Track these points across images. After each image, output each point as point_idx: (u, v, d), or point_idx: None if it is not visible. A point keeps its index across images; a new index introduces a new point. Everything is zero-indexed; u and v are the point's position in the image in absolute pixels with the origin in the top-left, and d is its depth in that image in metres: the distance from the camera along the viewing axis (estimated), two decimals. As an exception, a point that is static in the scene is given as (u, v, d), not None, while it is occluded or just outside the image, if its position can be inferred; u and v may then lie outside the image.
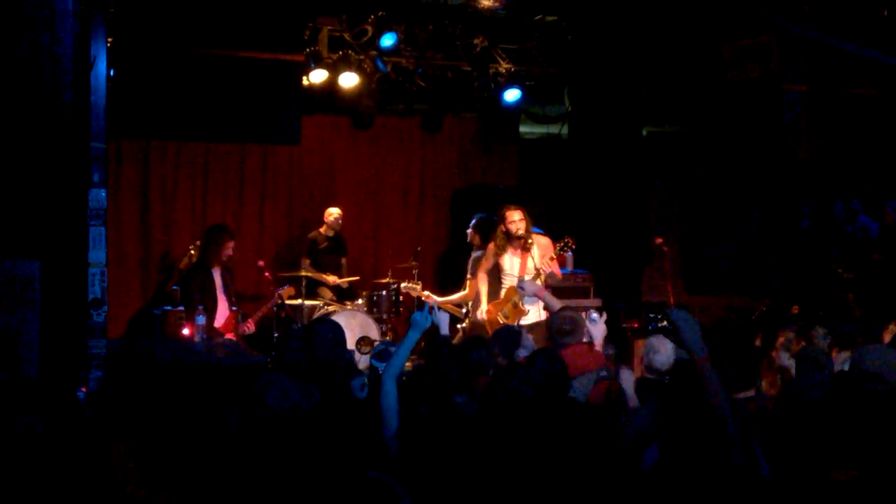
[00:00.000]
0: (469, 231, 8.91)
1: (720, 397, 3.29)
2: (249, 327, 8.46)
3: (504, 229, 7.71)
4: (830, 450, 3.21)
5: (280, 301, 8.75)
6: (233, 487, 3.19)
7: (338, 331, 4.96)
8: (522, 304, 7.57)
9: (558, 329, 5.58)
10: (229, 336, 8.14)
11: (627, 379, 4.98)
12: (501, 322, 7.60)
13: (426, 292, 9.15)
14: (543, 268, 7.49)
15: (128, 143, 9.53)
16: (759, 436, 3.61)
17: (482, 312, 7.82)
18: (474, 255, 8.74)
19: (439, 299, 8.76)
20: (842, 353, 6.19)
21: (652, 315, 3.66)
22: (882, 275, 9.41)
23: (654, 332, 5.03)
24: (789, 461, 3.52)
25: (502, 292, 7.76)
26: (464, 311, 8.84)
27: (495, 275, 7.89)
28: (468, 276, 8.72)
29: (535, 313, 7.58)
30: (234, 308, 8.39)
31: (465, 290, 8.75)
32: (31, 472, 4.61)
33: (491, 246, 7.88)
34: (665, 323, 3.50)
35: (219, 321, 8.25)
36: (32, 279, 4.92)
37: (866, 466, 3.07)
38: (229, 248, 8.37)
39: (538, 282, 7.47)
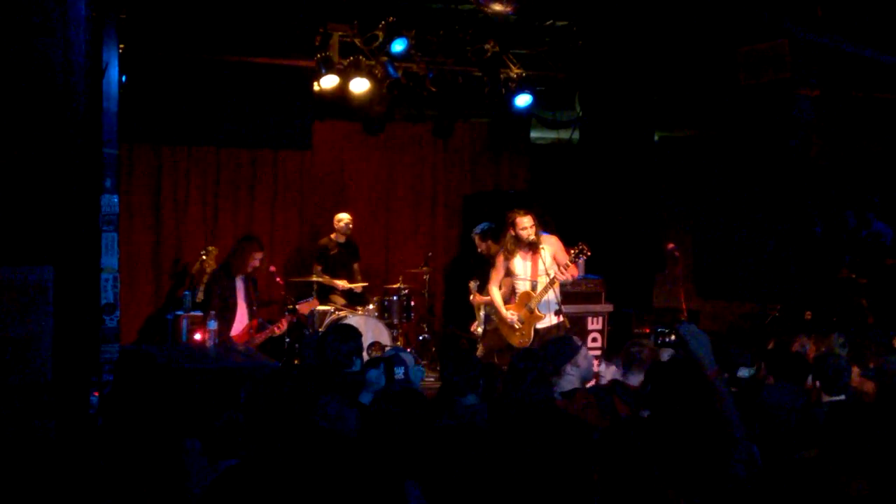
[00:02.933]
0: (480, 242, 8.78)
1: (729, 409, 3.34)
2: (281, 327, 8.43)
3: (514, 234, 7.61)
4: (841, 461, 3.18)
5: (295, 318, 8.69)
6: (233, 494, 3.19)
7: (354, 335, 5.00)
8: (538, 310, 7.49)
9: None
10: (243, 344, 8.14)
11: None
12: (517, 328, 7.54)
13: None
14: (558, 276, 7.37)
15: (140, 148, 9.56)
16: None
17: (498, 322, 7.73)
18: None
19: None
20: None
21: (660, 330, 3.62)
22: (896, 280, 9.37)
23: (662, 347, 5.00)
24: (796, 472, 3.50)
25: (515, 297, 7.68)
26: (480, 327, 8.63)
27: (507, 280, 7.80)
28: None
29: (549, 318, 7.50)
30: (254, 317, 8.38)
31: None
32: (44, 475, 4.62)
33: (501, 253, 7.82)
34: (673, 338, 3.51)
35: (236, 329, 8.23)
36: (45, 285, 4.93)
37: (879, 479, 3.04)
38: (255, 259, 8.39)
39: (552, 288, 7.41)
